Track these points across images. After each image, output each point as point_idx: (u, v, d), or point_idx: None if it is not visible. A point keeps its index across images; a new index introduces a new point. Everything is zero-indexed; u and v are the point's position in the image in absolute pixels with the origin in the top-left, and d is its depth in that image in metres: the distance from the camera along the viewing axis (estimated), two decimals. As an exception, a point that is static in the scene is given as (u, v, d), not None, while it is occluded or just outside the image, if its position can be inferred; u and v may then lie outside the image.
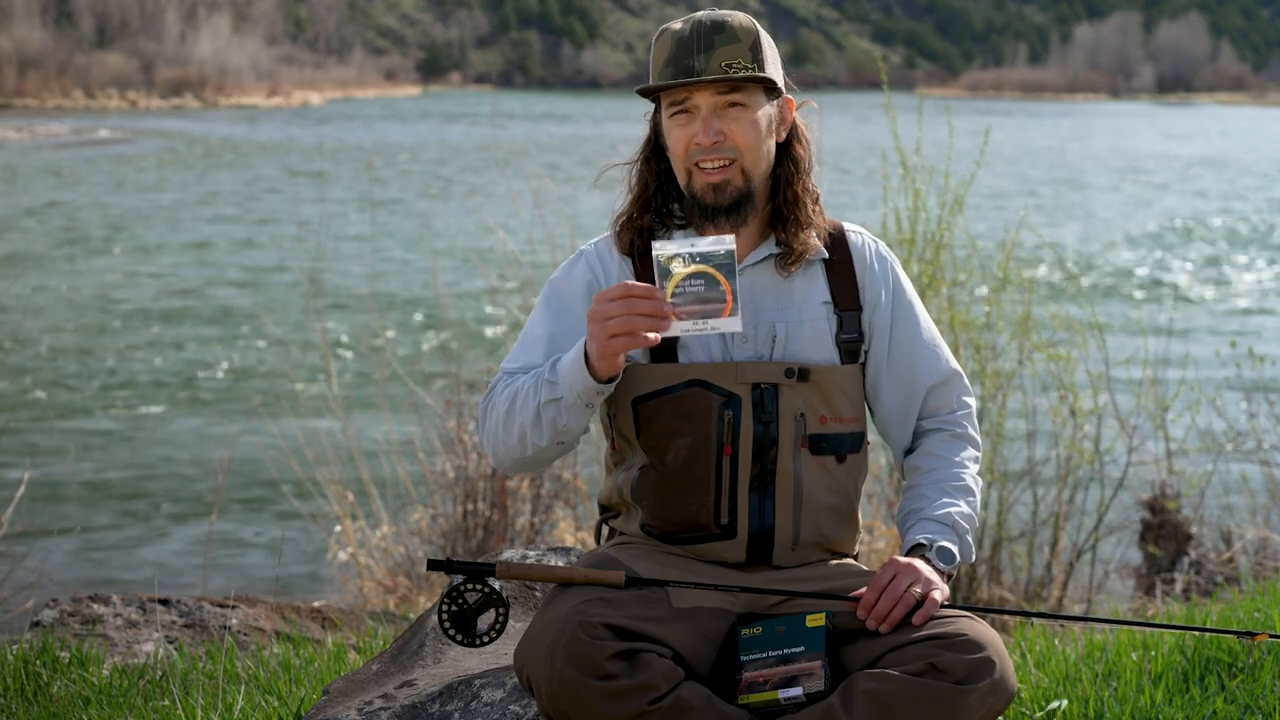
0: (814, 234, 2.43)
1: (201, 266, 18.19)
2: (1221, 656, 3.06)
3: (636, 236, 2.44)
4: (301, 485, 6.37)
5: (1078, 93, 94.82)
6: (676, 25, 2.37)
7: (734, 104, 2.34)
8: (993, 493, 5.80)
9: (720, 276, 2.10)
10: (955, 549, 2.35)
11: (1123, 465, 5.92)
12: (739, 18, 2.37)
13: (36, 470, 7.93)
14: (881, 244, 2.53)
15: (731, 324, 2.10)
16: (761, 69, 2.34)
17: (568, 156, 31.41)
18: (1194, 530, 5.77)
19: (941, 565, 2.31)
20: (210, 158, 34.74)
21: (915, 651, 2.15)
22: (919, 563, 2.29)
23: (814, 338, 2.41)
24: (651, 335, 2.11)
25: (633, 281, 2.14)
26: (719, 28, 2.34)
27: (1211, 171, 35.10)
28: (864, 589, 2.28)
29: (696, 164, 2.35)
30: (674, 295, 2.11)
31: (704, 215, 2.38)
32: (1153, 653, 3.13)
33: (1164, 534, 5.78)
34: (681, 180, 2.40)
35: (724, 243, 2.10)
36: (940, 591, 2.25)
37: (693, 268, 2.10)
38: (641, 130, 2.49)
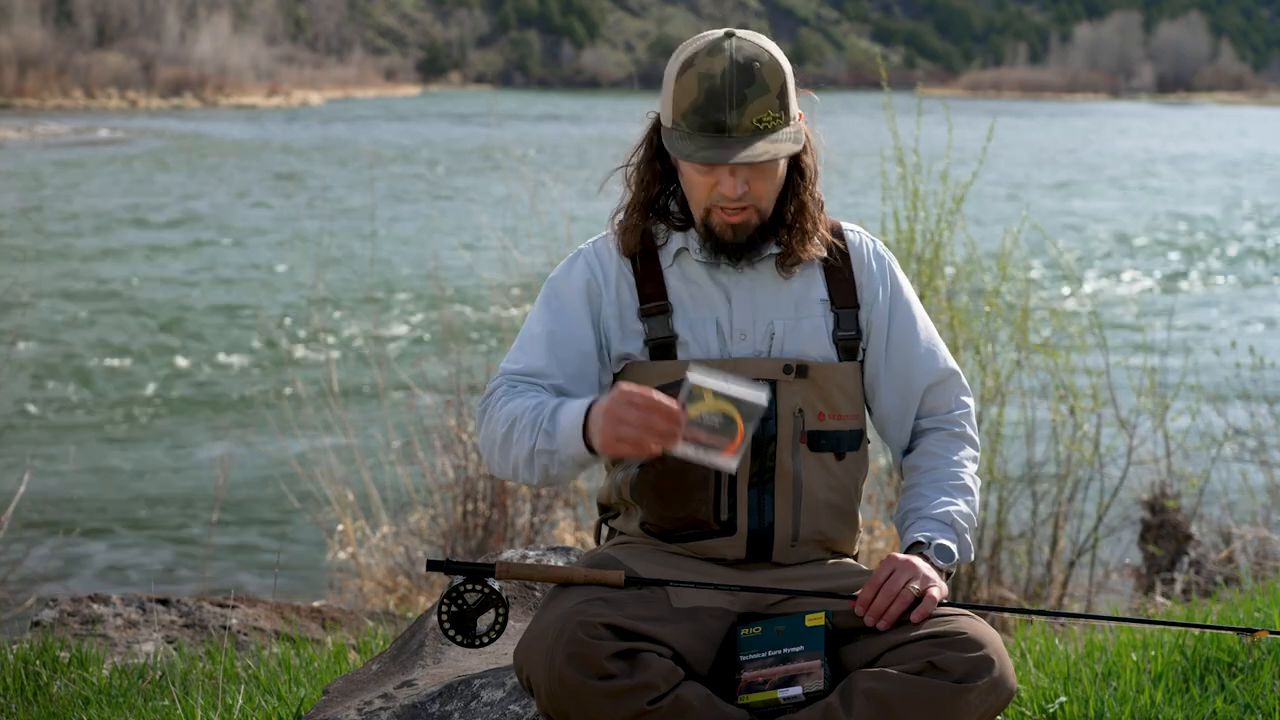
0: (817, 240, 2.43)
1: (201, 266, 18.19)
2: (1221, 656, 3.06)
3: (636, 237, 2.44)
4: (301, 485, 6.37)
5: (1078, 92, 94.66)
6: (702, 63, 2.28)
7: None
8: (992, 493, 5.79)
9: (740, 422, 2.10)
10: (954, 547, 2.35)
11: (1122, 465, 5.92)
12: (765, 59, 2.29)
13: (36, 470, 7.93)
14: (879, 243, 2.53)
15: (729, 463, 2.12)
16: (787, 114, 2.31)
17: (567, 158, 31.40)
18: (1194, 530, 5.77)
19: (940, 563, 2.32)
20: (209, 158, 34.72)
21: (914, 650, 2.16)
22: (917, 560, 2.29)
23: (812, 335, 2.41)
24: (655, 449, 2.12)
25: (662, 397, 2.10)
26: (748, 77, 2.27)
27: (1212, 171, 35.09)
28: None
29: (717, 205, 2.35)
30: (691, 421, 2.11)
31: (718, 250, 2.38)
32: (1152, 652, 3.13)
33: (1164, 534, 5.77)
34: (697, 216, 2.39)
35: (760, 397, 2.11)
36: (938, 589, 2.25)
37: (720, 405, 2.10)
38: (640, 129, 2.48)
